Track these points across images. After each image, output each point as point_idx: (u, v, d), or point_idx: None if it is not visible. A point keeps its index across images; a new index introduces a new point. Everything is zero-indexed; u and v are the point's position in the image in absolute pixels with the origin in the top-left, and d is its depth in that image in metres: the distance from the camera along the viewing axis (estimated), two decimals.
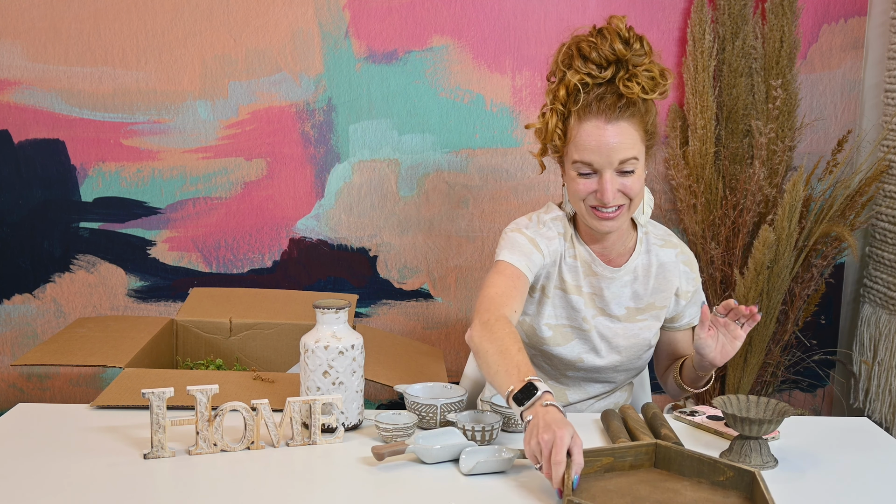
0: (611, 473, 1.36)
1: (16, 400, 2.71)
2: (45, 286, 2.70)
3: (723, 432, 1.58)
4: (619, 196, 1.62)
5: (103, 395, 1.67)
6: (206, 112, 2.62)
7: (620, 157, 1.59)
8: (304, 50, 2.59)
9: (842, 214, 2.52)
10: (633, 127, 1.61)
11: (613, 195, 1.61)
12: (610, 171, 1.60)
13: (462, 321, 2.73)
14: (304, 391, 1.56)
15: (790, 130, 2.52)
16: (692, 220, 2.56)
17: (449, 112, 2.63)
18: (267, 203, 2.67)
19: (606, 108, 1.59)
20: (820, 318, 2.76)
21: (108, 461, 1.41)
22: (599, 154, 1.59)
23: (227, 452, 1.47)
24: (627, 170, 1.61)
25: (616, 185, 1.61)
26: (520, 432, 1.58)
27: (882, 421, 2.54)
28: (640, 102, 1.62)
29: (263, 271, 2.70)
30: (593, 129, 1.59)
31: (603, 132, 1.59)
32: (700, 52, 2.50)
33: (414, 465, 1.43)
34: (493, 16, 2.58)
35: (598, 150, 1.59)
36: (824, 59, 2.64)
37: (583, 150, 1.60)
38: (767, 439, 1.49)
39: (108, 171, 2.64)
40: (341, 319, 1.55)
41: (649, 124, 1.64)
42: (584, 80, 1.60)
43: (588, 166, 1.61)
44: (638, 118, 1.61)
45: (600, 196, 1.61)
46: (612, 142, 1.58)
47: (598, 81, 1.61)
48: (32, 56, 2.58)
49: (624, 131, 1.59)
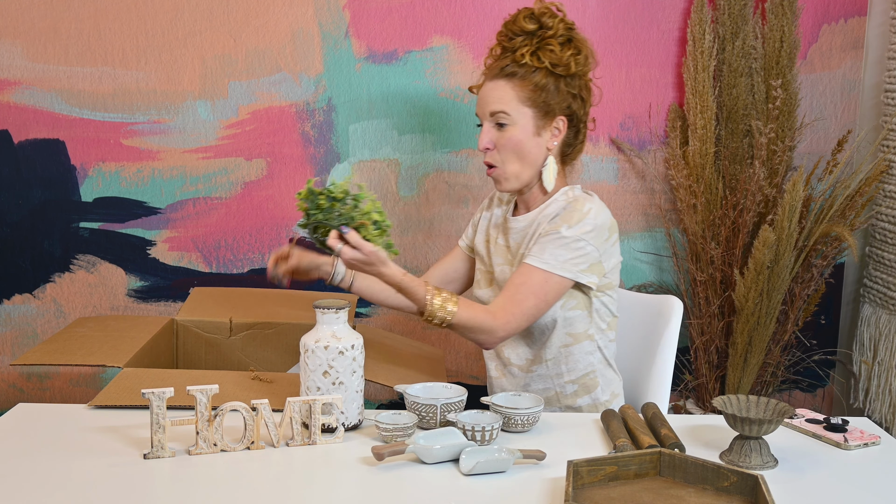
0: (615, 482, 1.36)
1: (16, 400, 2.71)
2: (45, 286, 2.70)
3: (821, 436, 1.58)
4: (493, 153, 1.83)
5: (101, 394, 1.67)
6: (206, 112, 2.62)
7: (490, 108, 1.81)
8: (304, 50, 2.59)
9: (842, 214, 2.52)
10: (511, 86, 1.80)
11: (486, 143, 1.82)
12: (486, 123, 1.83)
13: None
14: (304, 391, 1.56)
15: (790, 130, 2.52)
16: (692, 220, 2.56)
17: (449, 112, 2.63)
18: (267, 203, 2.67)
19: (494, 69, 1.84)
20: (820, 318, 2.76)
21: (108, 461, 1.41)
22: (479, 105, 1.85)
23: (227, 452, 1.47)
24: (499, 122, 1.81)
25: (491, 135, 1.82)
26: (520, 432, 1.58)
27: (882, 421, 2.54)
28: (528, 69, 1.80)
29: (263, 271, 2.70)
30: (484, 86, 1.85)
31: (485, 88, 1.84)
32: (700, 52, 2.50)
33: (414, 465, 1.43)
34: (493, 16, 2.58)
35: (479, 103, 1.85)
36: (824, 59, 2.64)
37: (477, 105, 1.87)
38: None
39: (108, 171, 2.64)
40: (341, 319, 1.55)
41: (540, 88, 1.80)
42: (496, 48, 1.87)
43: (478, 118, 1.85)
44: (516, 80, 1.80)
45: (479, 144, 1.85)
46: (487, 94, 1.83)
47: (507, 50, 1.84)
48: (32, 56, 2.58)
49: (498, 87, 1.81)
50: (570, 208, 1.80)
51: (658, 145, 2.66)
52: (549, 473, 1.40)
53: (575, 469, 1.32)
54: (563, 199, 1.85)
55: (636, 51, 2.62)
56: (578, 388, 1.87)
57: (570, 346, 1.84)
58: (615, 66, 2.62)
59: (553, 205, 1.85)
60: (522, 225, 1.88)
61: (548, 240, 1.78)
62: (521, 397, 1.63)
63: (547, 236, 1.78)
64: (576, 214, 1.78)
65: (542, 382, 1.87)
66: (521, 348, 1.88)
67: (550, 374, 1.86)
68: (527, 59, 1.79)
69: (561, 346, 1.84)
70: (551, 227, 1.79)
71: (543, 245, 1.78)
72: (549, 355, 1.85)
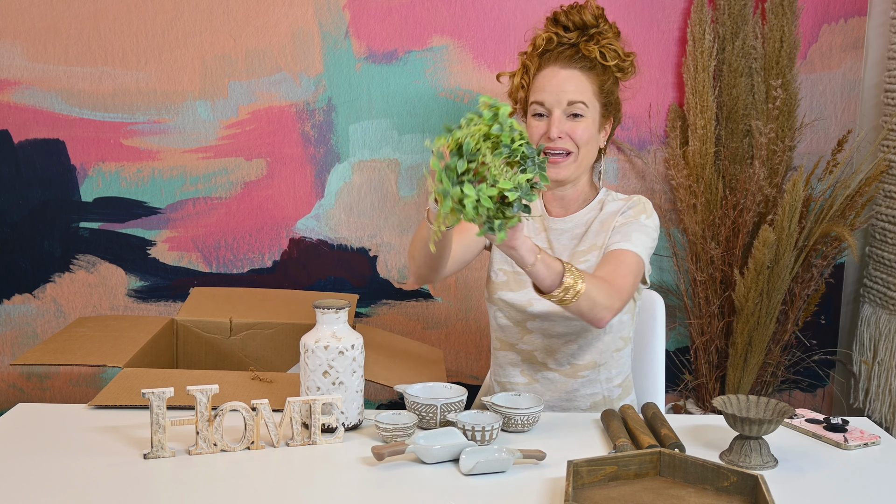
0: (615, 482, 1.36)
1: (16, 400, 2.71)
2: (45, 286, 2.70)
3: (821, 436, 1.58)
4: (567, 140, 1.74)
5: (101, 394, 1.67)
6: (206, 112, 2.62)
7: (569, 97, 1.74)
8: (304, 50, 2.59)
9: (842, 214, 2.52)
10: (587, 78, 1.76)
11: (559, 132, 1.73)
12: (559, 111, 1.74)
13: (462, 321, 2.73)
14: (304, 391, 1.56)
15: (790, 130, 2.52)
16: (692, 220, 2.56)
17: (449, 112, 2.62)
18: (267, 203, 2.67)
19: (564, 58, 1.77)
20: (820, 318, 2.76)
21: (108, 461, 1.41)
22: (551, 93, 1.75)
23: (227, 452, 1.47)
24: (576, 112, 1.74)
25: (564, 126, 1.74)
26: (520, 432, 1.58)
27: (882, 421, 2.54)
28: (598, 65, 1.77)
29: (263, 271, 2.70)
30: (549, 73, 1.77)
31: (556, 74, 1.76)
32: (700, 52, 2.50)
33: (414, 465, 1.43)
34: (493, 16, 2.58)
35: (550, 90, 1.75)
36: (824, 59, 2.64)
37: (538, 91, 1.77)
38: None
39: (108, 171, 2.64)
40: (341, 319, 1.55)
41: (606, 86, 1.78)
42: (551, 37, 1.79)
43: (541, 105, 1.76)
44: (593, 74, 1.76)
45: (548, 132, 1.74)
46: (564, 83, 1.75)
47: (563, 41, 1.78)
48: (32, 56, 2.58)
49: (576, 77, 1.75)
50: (639, 202, 1.80)
51: (658, 145, 2.66)
52: (549, 473, 1.40)
53: (575, 469, 1.32)
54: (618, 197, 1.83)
55: (636, 51, 2.61)
56: (622, 392, 1.87)
57: (620, 350, 1.84)
58: None
59: (611, 203, 1.82)
60: (570, 225, 1.83)
61: (631, 227, 1.75)
62: (521, 397, 1.63)
63: (627, 224, 1.76)
64: (648, 207, 1.79)
65: (591, 387, 1.84)
66: (563, 353, 1.82)
67: (600, 379, 1.84)
68: (595, 55, 1.76)
69: (614, 350, 1.83)
70: (626, 218, 1.77)
71: (627, 232, 1.75)
72: (603, 360, 1.83)
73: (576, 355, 1.81)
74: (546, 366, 1.82)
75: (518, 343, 1.83)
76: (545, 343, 1.81)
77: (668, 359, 2.77)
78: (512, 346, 1.84)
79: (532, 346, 1.82)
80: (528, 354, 1.83)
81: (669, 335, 2.77)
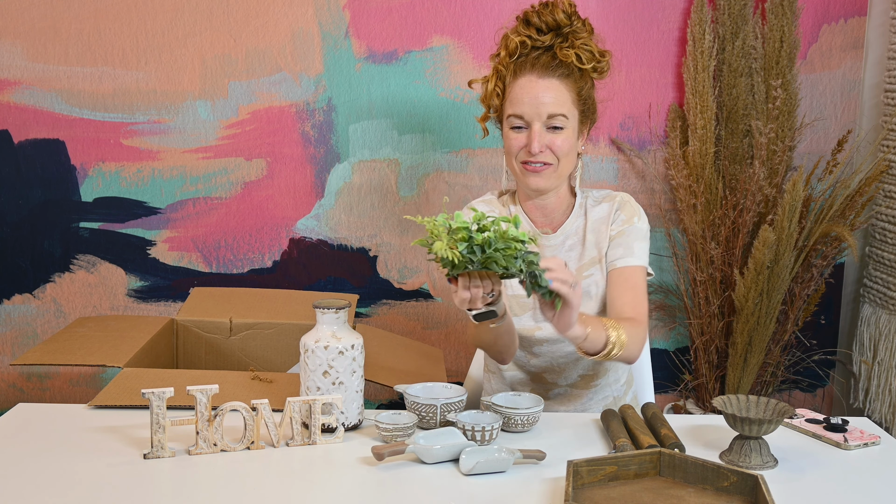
0: (615, 482, 1.36)
1: (16, 400, 2.71)
2: (45, 286, 2.70)
3: (821, 436, 1.58)
4: (548, 153, 1.69)
5: (101, 394, 1.67)
6: (206, 112, 2.62)
7: (549, 110, 1.68)
8: (304, 50, 2.59)
9: (842, 214, 2.52)
10: (565, 87, 1.69)
11: (540, 147, 1.68)
12: (539, 124, 1.68)
13: (462, 321, 2.73)
14: (304, 391, 1.56)
15: (790, 130, 2.52)
16: (692, 220, 2.56)
17: (449, 112, 2.63)
18: (267, 203, 2.67)
19: (540, 65, 1.69)
20: (820, 318, 2.76)
21: (108, 461, 1.41)
22: (530, 106, 1.68)
23: (227, 452, 1.47)
24: (556, 125, 1.68)
25: (545, 139, 1.68)
26: (520, 432, 1.58)
27: (882, 421, 2.54)
28: (574, 70, 1.71)
29: (263, 271, 2.70)
30: (526, 83, 1.69)
31: (535, 85, 1.68)
32: (700, 52, 2.50)
33: (414, 465, 1.43)
34: (493, 16, 2.58)
35: (529, 103, 1.68)
36: (824, 59, 2.64)
37: (516, 104, 1.70)
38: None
39: (108, 171, 2.64)
40: (341, 319, 1.55)
41: (584, 91, 1.72)
42: (524, 41, 1.71)
43: (520, 119, 1.69)
44: (571, 81, 1.70)
45: (528, 147, 1.68)
46: (542, 95, 1.68)
47: (537, 44, 1.71)
48: (32, 56, 2.58)
49: (554, 87, 1.68)
50: (624, 204, 1.78)
51: (658, 145, 2.66)
52: (549, 473, 1.40)
53: (575, 469, 1.32)
54: (601, 199, 1.80)
55: (636, 51, 2.62)
56: (626, 386, 1.88)
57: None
58: (615, 66, 2.59)
59: (594, 207, 1.80)
60: (561, 239, 1.80)
61: (630, 238, 1.74)
62: (521, 397, 1.63)
63: (625, 234, 1.75)
64: (635, 207, 1.78)
65: (603, 392, 1.84)
66: (573, 370, 1.81)
67: (610, 383, 1.85)
68: (572, 59, 1.69)
69: None
70: (621, 225, 1.76)
71: (628, 244, 1.74)
72: (611, 365, 1.83)
73: (585, 369, 1.82)
74: (556, 384, 1.83)
75: (526, 365, 1.84)
76: (553, 364, 1.81)
77: (668, 359, 2.77)
78: (521, 367, 1.84)
79: (539, 368, 1.82)
80: (537, 375, 1.84)
81: (669, 335, 2.77)
